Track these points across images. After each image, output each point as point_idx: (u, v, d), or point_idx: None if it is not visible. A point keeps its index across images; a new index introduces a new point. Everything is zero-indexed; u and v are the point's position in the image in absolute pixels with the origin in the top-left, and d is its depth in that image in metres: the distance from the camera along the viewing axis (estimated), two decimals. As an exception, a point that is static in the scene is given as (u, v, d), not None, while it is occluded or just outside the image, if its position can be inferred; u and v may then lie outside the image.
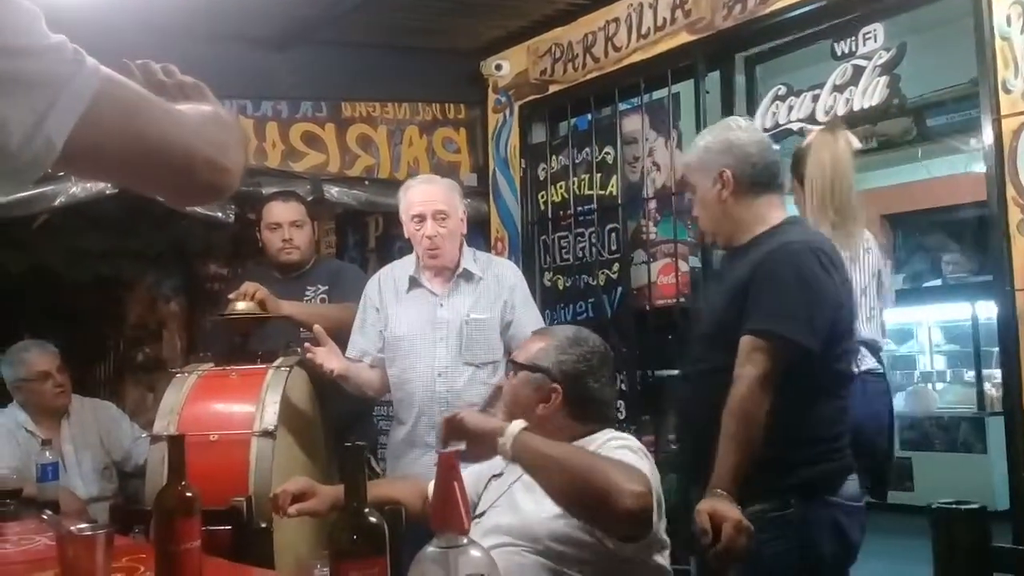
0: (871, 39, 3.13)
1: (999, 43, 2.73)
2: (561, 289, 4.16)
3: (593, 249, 4.01)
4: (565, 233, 4.16)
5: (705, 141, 2.25)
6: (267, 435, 2.44)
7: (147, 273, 4.78)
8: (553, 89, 4.25)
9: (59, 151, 0.77)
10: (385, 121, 4.52)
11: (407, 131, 4.55)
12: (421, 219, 2.81)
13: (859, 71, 3.14)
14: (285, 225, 3.31)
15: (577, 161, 4.15)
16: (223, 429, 2.47)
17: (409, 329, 2.84)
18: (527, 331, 2.49)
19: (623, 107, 4.01)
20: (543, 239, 4.29)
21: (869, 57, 3.12)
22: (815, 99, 3.25)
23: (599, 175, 4.03)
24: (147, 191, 1.07)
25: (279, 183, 3.89)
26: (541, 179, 4.31)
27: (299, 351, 2.80)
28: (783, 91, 3.38)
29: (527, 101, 4.37)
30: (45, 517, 2.12)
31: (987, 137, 2.75)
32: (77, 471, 3.27)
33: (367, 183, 4.37)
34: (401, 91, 4.49)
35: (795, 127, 3.24)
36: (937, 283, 7.10)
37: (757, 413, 1.93)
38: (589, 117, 4.16)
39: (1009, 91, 2.70)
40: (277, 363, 2.69)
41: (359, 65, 4.39)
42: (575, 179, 4.13)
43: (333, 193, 4.25)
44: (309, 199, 3.81)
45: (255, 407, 2.51)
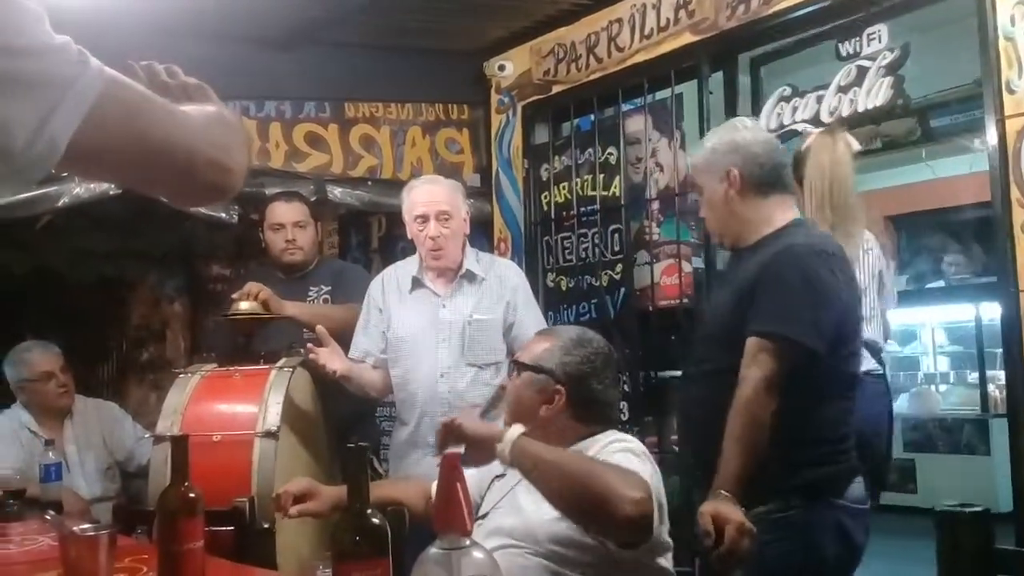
0: (875, 40, 3.12)
1: (1003, 43, 2.72)
2: (564, 290, 4.16)
3: (596, 250, 4.01)
4: (568, 234, 4.16)
5: (712, 141, 2.25)
6: (270, 436, 2.44)
7: (150, 274, 4.78)
8: (556, 89, 4.25)
9: (63, 152, 0.78)
10: (388, 121, 4.53)
11: (410, 131, 4.55)
12: (424, 220, 2.81)
13: (863, 72, 3.13)
14: (288, 225, 3.31)
15: (580, 162, 4.15)
16: (226, 430, 2.47)
17: (412, 330, 2.84)
18: (529, 332, 2.49)
19: (626, 107, 4.00)
20: (546, 240, 4.29)
21: (873, 58, 3.11)
22: (819, 100, 3.25)
23: (602, 176, 4.03)
24: (151, 192, 1.07)
25: (282, 183, 3.89)
26: (544, 180, 4.31)
27: (302, 352, 2.80)
28: (788, 92, 3.37)
29: (530, 101, 4.37)
30: (48, 517, 2.12)
31: (991, 138, 2.74)
32: (80, 471, 3.27)
33: (370, 183, 4.38)
34: (404, 92, 4.50)
35: (799, 128, 3.23)
36: (940, 284, 7.09)
37: (762, 415, 1.92)
38: (592, 117, 4.16)
39: (1013, 91, 2.69)
40: (280, 364, 2.69)
41: (362, 66, 4.40)
42: (578, 180, 4.13)
43: (336, 193, 4.25)
44: (312, 199, 3.80)
45: (258, 408, 2.51)
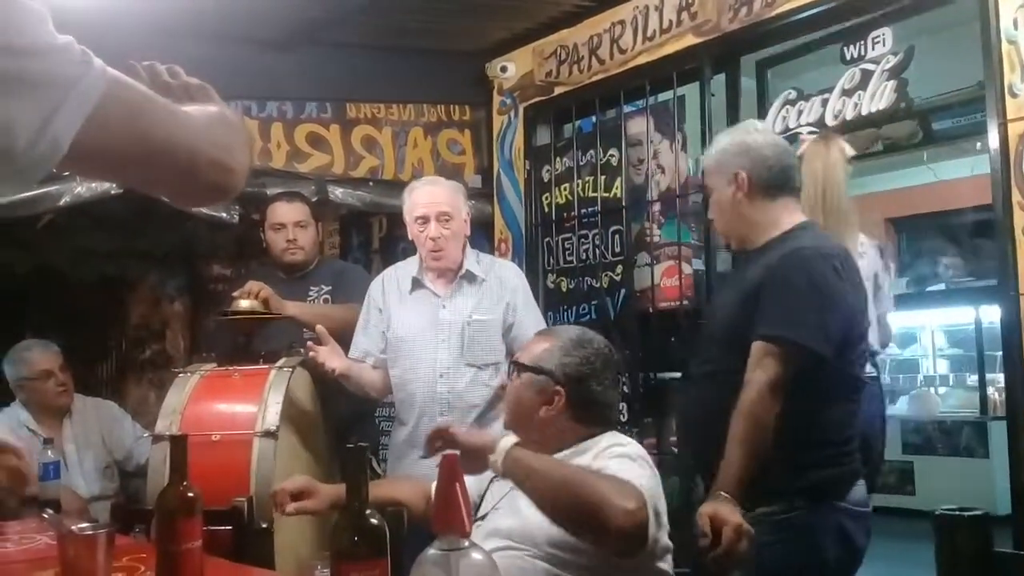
0: (880, 43, 3.13)
1: (1006, 47, 2.72)
2: (564, 291, 4.16)
3: (597, 251, 4.01)
4: (569, 235, 4.16)
5: (722, 143, 2.25)
6: (269, 435, 2.44)
7: (151, 273, 4.78)
8: (558, 91, 4.25)
9: (65, 152, 0.78)
10: (390, 122, 4.53)
11: (412, 132, 4.56)
12: (425, 220, 2.81)
13: (867, 75, 3.14)
14: (289, 225, 3.31)
15: (581, 163, 4.15)
16: (225, 429, 2.47)
17: (411, 330, 2.84)
18: (529, 333, 2.48)
19: (628, 109, 4.01)
20: (547, 241, 4.29)
21: (877, 61, 3.12)
22: (824, 103, 3.25)
23: (603, 177, 4.03)
24: (152, 192, 1.07)
25: (284, 184, 3.89)
26: (545, 181, 4.31)
27: (302, 352, 2.80)
28: (793, 95, 3.38)
29: (532, 103, 4.37)
30: (46, 516, 2.12)
31: (993, 141, 2.74)
32: (79, 470, 3.27)
33: (371, 184, 4.38)
34: (406, 92, 4.50)
35: (804, 131, 3.24)
36: (941, 287, 7.09)
37: (766, 418, 1.92)
38: (594, 119, 4.16)
39: (1015, 95, 2.69)
40: (280, 363, 2.69)
41: (364, 66, 4.40)
42: (579, 181, 4.13)
43: (337, 194, 4.25)
44: (313, 200, 3.80)
45: (257, 407, 2.51)
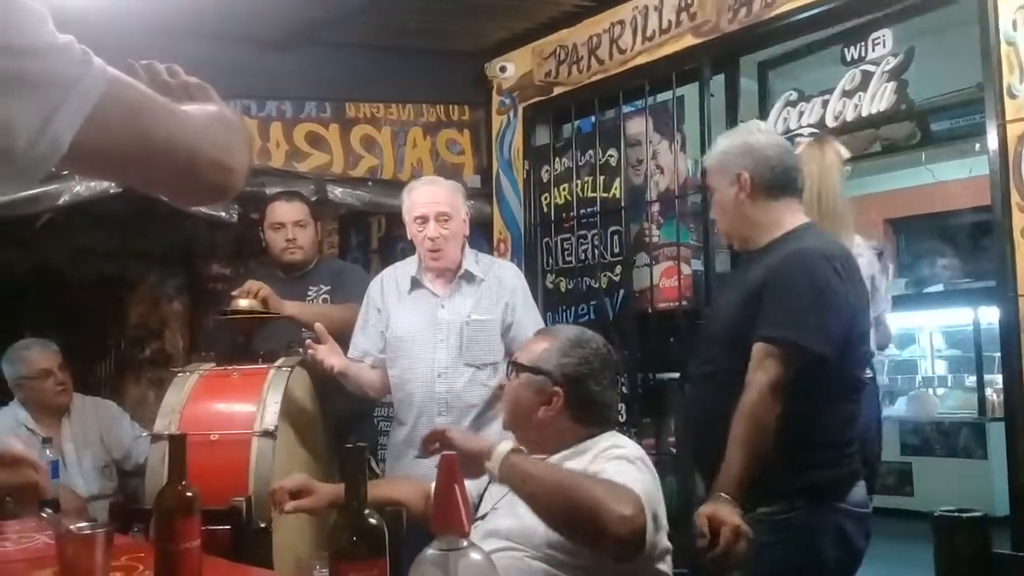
0: (880, 44, 3.13)
1: (1005, 48, 2.72)
2: (563, 291, 4.16)
3: (596, 251, 4.01)
4: (568, 235, 4.16)
5: (725, 143, 2.25)
6: (268, 435, 2.44)
7: (150, 272, 4.78)
8: (557, 91, 4.25)
9: (65, 151, 0.78)
10: (389, 122, 4.53)
11: (411, 132, 4.56)
12: (424, 220, 2.81)
13: (868, 76, 3.14)
14: (288, 225, 3.31)
15: (581, 163, 4.15)
16: (224, 429, 2.47)
17: (410, 330, 2.84)
18: (528, 333, 2.48)
19: (627, 110, 4.01)
20: (546, 241, 4.29)
21: (877, 62, 3.12)
22: (825, 104, 3.26)
23: (602, 177, 4.03)
24: (152, 191, 1.07)
25: (283, 183, 3.89)
26: (544, 181, 4.31)
27: (300, 351, 2.80)
28: (794, 96, 3.38)
29: (531, 103, 4.37)
30: (45, 515, 2.11)
31: (991, 142, 2.75)
32: (77, 469, 3.27)
33: (371, 184, 4.38)
34: (405, 92, 4.50)
35: (805, 132, 3.25)
36: (939, 288, 7.09)
37: (767, 420, 1.92)
38: (593, 119, 4.16)
39: (1014, 96, 2.70)
40: (279, 363, 2.69)
41: (363, 66, 4.40)
42: (578, 181, 4.13)
43: (337, 193, 4.25)
44: (313, 199, 3.80)
45: (256, 407, 2.51)
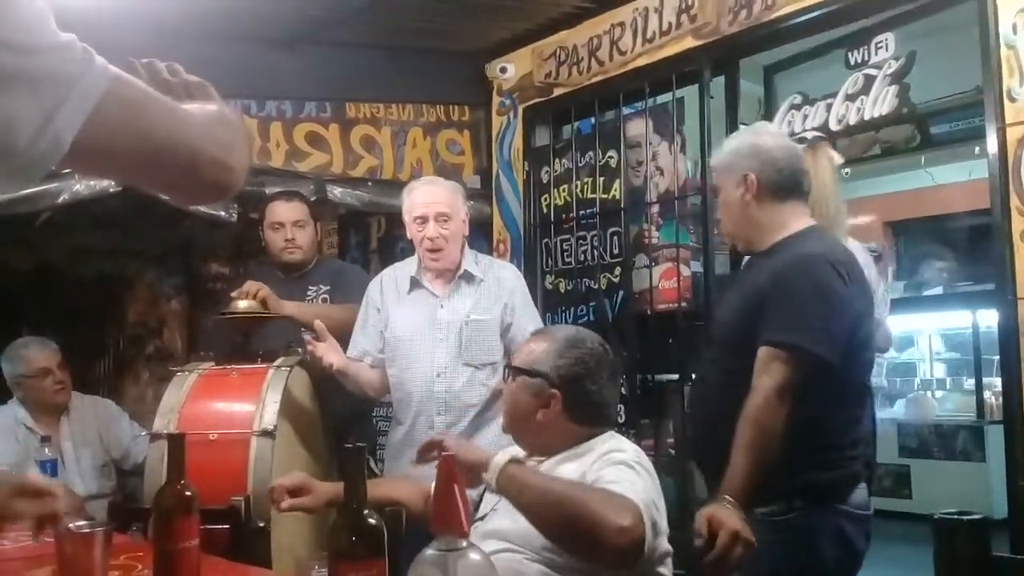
0: (883, 48, 3.14)
1: (1004, 52, 2.72)
2: (562, 292, 4.16)
3: (595, 253, 4.01)
4: (567, 236, 4.16)
5: (733, 144, 2.25)
6: (267, 435, 2.43)
7: (149, 271, 4.78)
8: (557, 92, 4.25)
9: (67, 149, 0.77)
10: (389, 122, 4.53)
11: (411, 132, 4.55)
12: (423, 220, 2.81)
13: (870, 80, 3.15)
14: (288, 225, 3.31)
15: (580, 164, 4.15)
16: (223, 428, 2.47)
17: (409, 330, 2.84)
18: (526, 333, 2.48)
19: (627, 111, 4.01)
20: (545, 242, 4.29)
21: (880, 66, 3.12)
22: (828, 108, 3.27)
23: (602, 179, 4.03)
24: (153, 190, 1.07)
25: (283, 183, 3.89)
26: (544, 182, 4.31)
27: (300, 351, 2.80)
28: (798, 100, 3.39)
29: (531, 104, 4.37)
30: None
31: (991, 145, 2.74)
32: (76, 468, 3.26)
33: (370, 184, 4.38)
34: (405, 92, 4.50)
35: (809, 136, 3.25)
36: (938, 291, 7.09)
37: (773, 424, 1.91)
38: (593, 121, 4.16)
39: (1014, 99, 2.69)
40: (278, 363, 2.69)
41: (364, 66, 4.40)
42: (578, 182, 4.13)
43: (336, 193, 4.25)
44: (312, 199, 3.80)
45: (255, 406, 2.51)
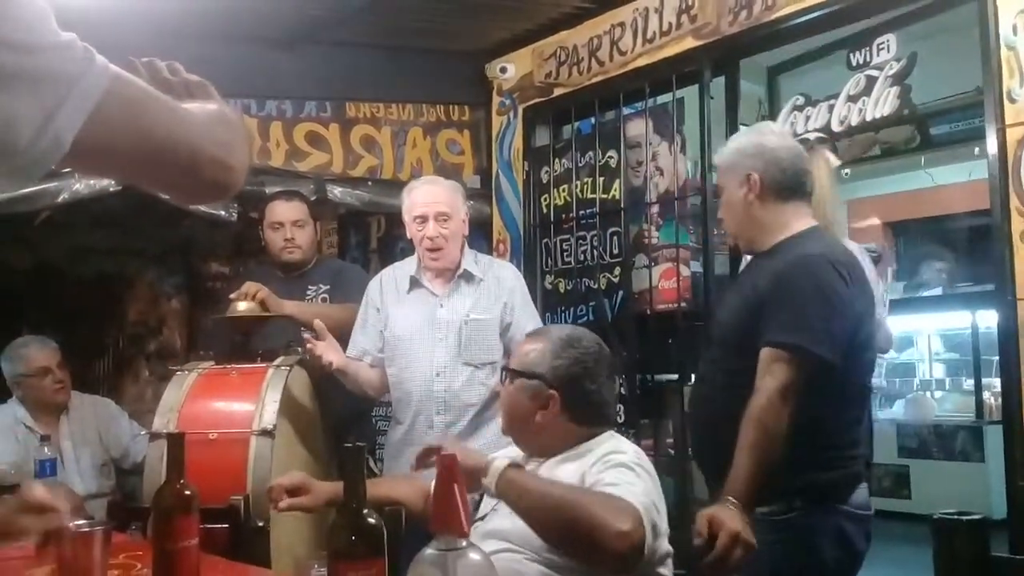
0: (884, 49, 3.14)
1: (1005, 52, 2.72)
2: (562, 292, 4.16)
3: (595, 253, 4.01)
4: (567, 236, 4.16)
5: (737, 143, 2.25)
6: (266, 434, 2.43)
7: (149, 270, 4.78)
8: (557, 92, 4.25)
9: (67, 149, 0.77)
10: (389, 122, 4.52)
11: (411, 132, 4.55)
12: (423, 220, 2.81)
13: (872, 81, 3.15)
14: (287, 224, 3.31)
15: (580, 164, 4.15)
16: (222, 427, 2.47)
17: (409, 329, 2.84)
18: (526, 333, 2.48)
19: (627, 111, 4.01)
20: (545, 242, 4.29)
21: (881, 67, 3.13)
22: (831, 109, 3.27)
23: (602, 179, 4.03)
24: (153, 189, 1.07)
25: (282, 182, 3.89)
26: (544, 182, 4.31)
27: (299, 350, 2.80)
28: (801, 101, 3.39)
29: (531, 104, 4.37)
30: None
31: (991, 146, 2.74)
32: (75, 467, 3.27)
33: (370, 183, 4.37)
34: (405, 92, 4.50)
35: (812, 137, 3.25)
36: (938, 291, 7.09)
37: (776, 425, 1.91)
38: (593, 121, 4.16)
39: (1014, 100, 2.69)
40: (277, 362, 2.68)
41: (364, 66, 4.40)
42: (578, 182, 4.13)
43: (336, 193, 4.24)
44: (312, 199, 3.80)
45: (255, 406, 2.50)
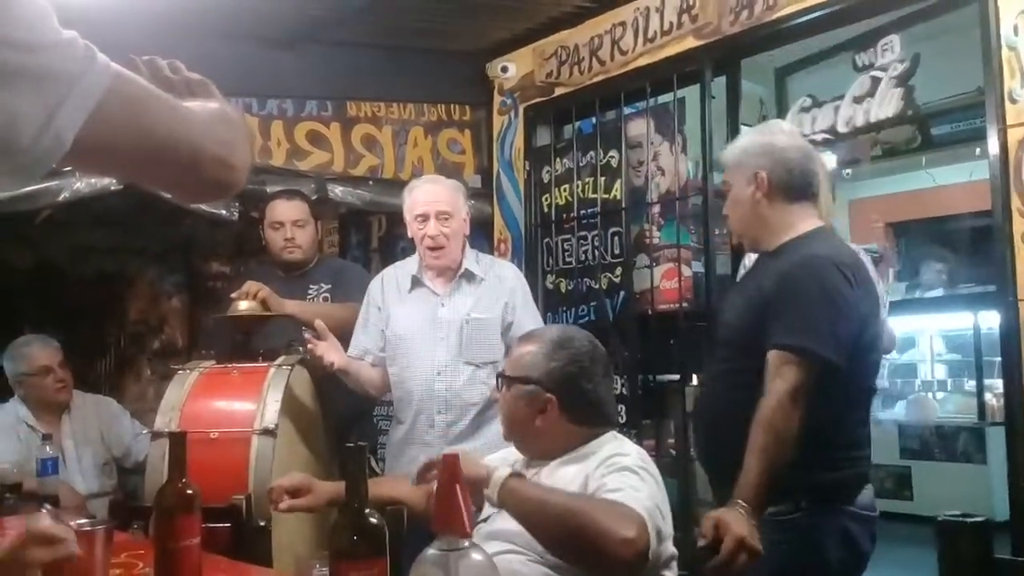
0: (888, 50, 3.14)
1: (1006, 53, 2.72)
2: (563, 292, 4.15)
3: (596, 252, 4.01)
4: (568, 236, 4.16)
5: (745, 141, 2.25)
6: (268, 433, 2.44)
7: (150, 269, 4.78)
8: (558, 92, 4.25)
9: (69, 147, 0.77)
10: (390, 121, 4.52)
11: (412, 131, 4.55)
12: (424, 219, 2.81)
13: (876, 82, 3.15)
14: (288, 224, 3.31)
15: (581, 164, 4.15)
16: (224, 427, 2.47)
17: (410, 328, 2.84)
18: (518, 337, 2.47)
19: (628, 111, 4.00)
20: (546, 242, 4.29)
21: (885, 68, 3.13)
22: (836, 110, 3.27)
23: (603, 178, 4.03)
24: (154, 187, 1.07)
25: (283, 181, 3.89)
26: (545, 181, 4.31)
27: (301, 350, 2.80)
28: (808, 103, 3.39)
29: (532, 103, 4.37)
30: (44, 511, 2.12)
31: (992, 146, 2.74)
32: (77, 466, 3.27)
33: (371, 183, 4.37)
34: (407, 92, 4.49)
35: (818, 138, 3.26)
36: (939, 292, 7.09)
37: (786, 428, 1.90)
38: (594, 120, 4.16)
39: (1015, 101, 2.69)
40: (279, 361, 2.69)
41: (365, 65, 4.40)
42: (579, 182, 4.12)
43: (337, 192, 4.24)
44: (313, 198, 3.80)
45: (256, 405, 2.51)
